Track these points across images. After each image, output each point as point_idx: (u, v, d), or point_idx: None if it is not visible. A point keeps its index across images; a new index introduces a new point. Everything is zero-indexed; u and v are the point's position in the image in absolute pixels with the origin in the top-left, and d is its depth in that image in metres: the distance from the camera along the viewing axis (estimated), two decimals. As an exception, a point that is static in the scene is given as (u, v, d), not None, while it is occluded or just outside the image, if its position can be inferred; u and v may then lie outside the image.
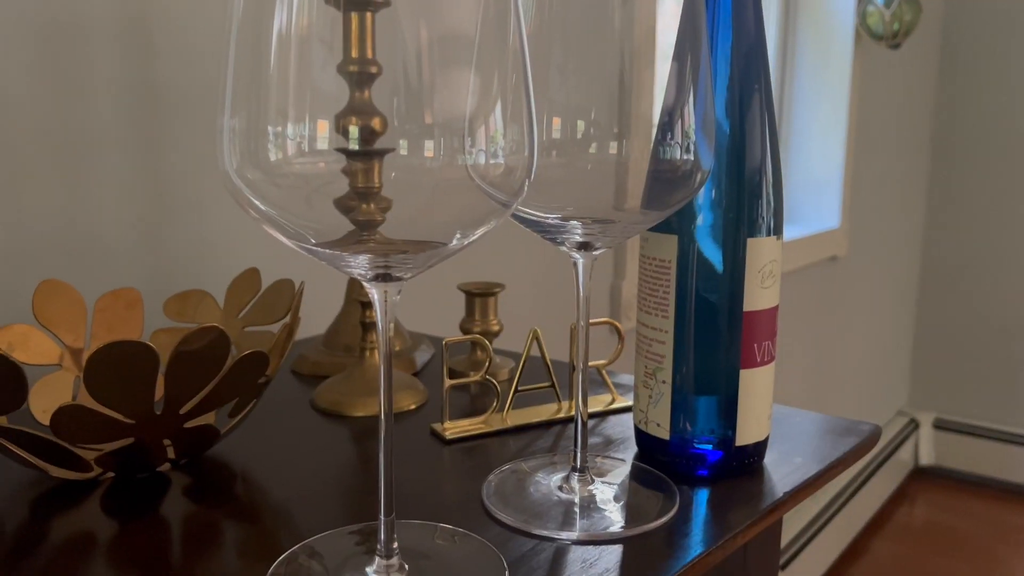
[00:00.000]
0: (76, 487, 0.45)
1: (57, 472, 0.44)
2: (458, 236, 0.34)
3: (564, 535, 0.40)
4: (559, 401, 0.56)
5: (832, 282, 1.99)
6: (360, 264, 0.33)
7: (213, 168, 0.69)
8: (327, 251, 0.33)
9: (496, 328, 0.63)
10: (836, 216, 1.92)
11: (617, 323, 0.57)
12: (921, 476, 2.60)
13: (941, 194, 2.49)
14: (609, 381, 0.58)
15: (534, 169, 0.34)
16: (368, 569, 0.36)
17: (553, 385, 0.56)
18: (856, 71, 1.89)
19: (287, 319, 0.48)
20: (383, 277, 0.34)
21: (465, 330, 0.63)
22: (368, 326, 0.59)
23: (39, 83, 0.59)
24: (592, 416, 0.56)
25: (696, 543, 0.40)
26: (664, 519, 0.42)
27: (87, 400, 0.40)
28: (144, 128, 0.65)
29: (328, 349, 0.66)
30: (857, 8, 1.85)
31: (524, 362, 0.55)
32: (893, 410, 2.58)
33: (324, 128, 0.31)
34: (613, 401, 0.57)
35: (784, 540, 1.87)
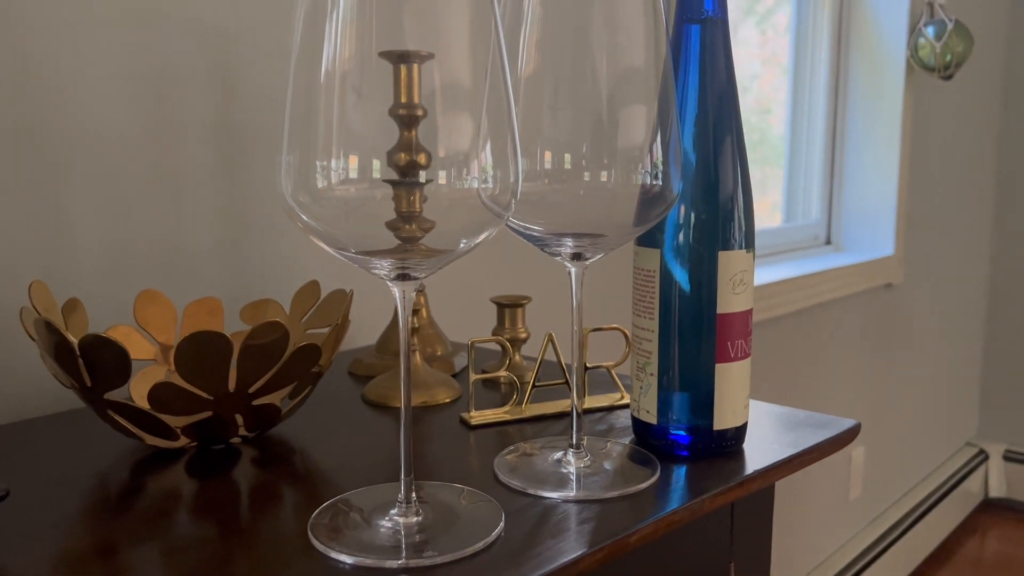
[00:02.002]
0: (166, 455, 0.55)
1: (151, 440, 0.54)
2: (464, 242, 0.43)
3: (556, 495, 0.48)
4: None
5: (888, 310, 2.01)
6: (384, 266, 0.43)
7: (284, 197, 0.80)
8: (359, 256, 0.42)
9: (524, 335, 0.72)
10: (890, 243, 1.95)
11: (624, 329, 0.65)
12: (991, 508, 2.56)
13: (1009, 220, 2.48)
14: (617, 380, 0.66)
15: (519, 190, 0.43)
16: (392, 512, 0.45)
17: (566, 382, 0.64)
18: (908, 101, 1.93)
19: (339, 321, 0.58)
20: (402, 277, 0.43)
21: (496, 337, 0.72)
22: (411, 330, 0.69)
23: (139, 124, 0.71)
24: (601, 410, 0.64)
25: (666, 504, 0.48)
26: (642, 486, 0.50)
27: (176, 380, 0.50)
28: (226, 162, 0.76)
29: (379, 354, 0.76)
30: (908, 41, 1.89)
31: (540, 361, 0.64)
32: (962, 441, 2.56)
33: (354, 161, 0.41)
34: (621, 398, 0.65)
35: (840, 563, 1.89)
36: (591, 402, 0.65)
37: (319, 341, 0.56)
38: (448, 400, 0.67)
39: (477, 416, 0.61)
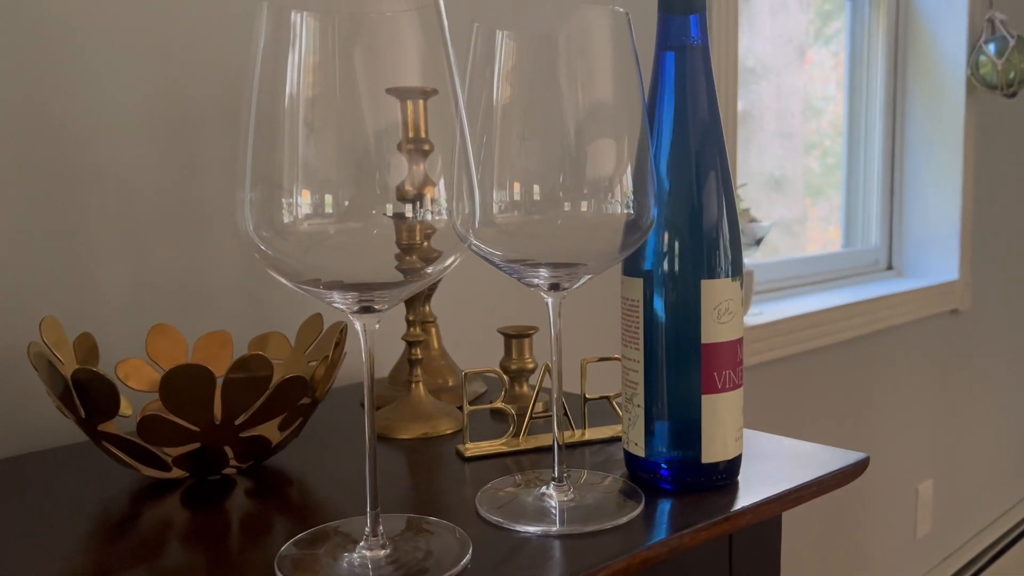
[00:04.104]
0: (162, 486, 0.57)
1: (147, 471, 0.56)
2: (430, 269, 0.44)
3: (533, 529, 0.48)
4: (572, 428, 0.64)
5: (954, 336, 1.93)
6: (347, 299, 0.43)
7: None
8: (315, 289, 0.42)
9: (531, 365, 0.71)
10: (955, 268, 1.87)
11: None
12: (1079, 546, 2.41)
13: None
14: (618, 410, 0.65)
15: (477, 220, 0.43)
16: (359, 544, 0.45)
17: (566, 413, 0.63)
18: (970, 121, 1.86)
19: (328, 354, 0.59)
20: (366, 309, 0.44)
21: (504, 368, 0.71)
22: (414, 362, 0.69)
23: (160, 165, 0.74)
24: (601, 441, 0.63)
25: (644, 540, 0.47)
26: (621, 520, 0.49)
27: (164, 411, 0.52)
28: (244, 200, 0.78)
29: (391, 384, 0.76)
30: (969, 59, 1.83)
31: (538, 392, 0.63)
32: (1044, 475, 2.42)
33: (307, 195, 0.41)
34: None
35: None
36: (592, 433, 0.64)
37: (309, 373, 0.57)
38: (450, 431, 0.67)
39: (472, 448, 0.61)
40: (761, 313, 1.48)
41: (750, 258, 1.53)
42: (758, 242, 1.48)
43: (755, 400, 1.43)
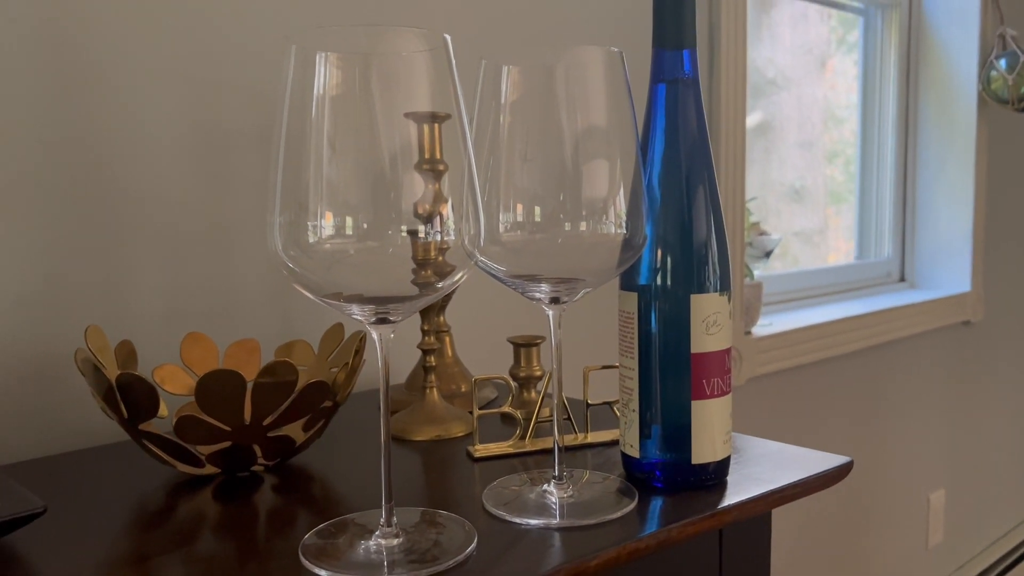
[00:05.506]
0: (196, 481, 0.62)
1: (182, 467, 0.61)
2: (440, 284, 0.48)
3: (533, 522, 0.52)
4: (575, 432, 0.68)
5: (967, 347, 1.95)
6: (364, 311, 0.48)
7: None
8: (336, 302, 0.47)
9: (539, 373, 0.76)
10: (967, 279, 1.90)
11: (625, 368, 0.69)
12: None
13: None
14: (619, 415, 0.69)
15: (482, 239, 0.48)
16: (375, 533, 0.50)
17: (569, 418, 0.68)
18: (982, 135, 1.89)
19: (348, 360, 0.63)
20: (382, 320, 0.48)
21: (513, 375, 0.76)
22: (429, 369, 0.74)
23: (194, 186, 0.79)
24: (603, 444, 0.68)
25: (635, 533, 0.51)
26: (615, 515, 0.53)
27: (199, 412, 0.57)
28: (272, 216, 0.84)
29: (408, 390, 0.81)
30: (980, 74, 1.86)
31: (543, 398, 0.67)
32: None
33: (330, 218, 0.46)
34: (623, 433, 0.68)
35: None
36: (594, 437, 0.69)
37: (330, 379, 0.61)
38: (462, 434, 0.71)
39: (481, 449, 0.66)
40: (771, 324, 1.51)
41: (760, 270, 1.57)
42: (767, 254, 1.52)
43: (767, 408, 1.46)
